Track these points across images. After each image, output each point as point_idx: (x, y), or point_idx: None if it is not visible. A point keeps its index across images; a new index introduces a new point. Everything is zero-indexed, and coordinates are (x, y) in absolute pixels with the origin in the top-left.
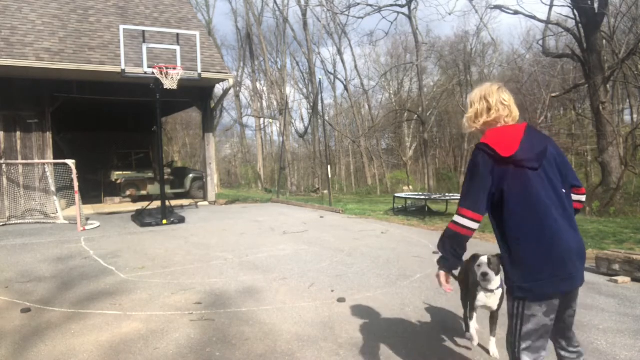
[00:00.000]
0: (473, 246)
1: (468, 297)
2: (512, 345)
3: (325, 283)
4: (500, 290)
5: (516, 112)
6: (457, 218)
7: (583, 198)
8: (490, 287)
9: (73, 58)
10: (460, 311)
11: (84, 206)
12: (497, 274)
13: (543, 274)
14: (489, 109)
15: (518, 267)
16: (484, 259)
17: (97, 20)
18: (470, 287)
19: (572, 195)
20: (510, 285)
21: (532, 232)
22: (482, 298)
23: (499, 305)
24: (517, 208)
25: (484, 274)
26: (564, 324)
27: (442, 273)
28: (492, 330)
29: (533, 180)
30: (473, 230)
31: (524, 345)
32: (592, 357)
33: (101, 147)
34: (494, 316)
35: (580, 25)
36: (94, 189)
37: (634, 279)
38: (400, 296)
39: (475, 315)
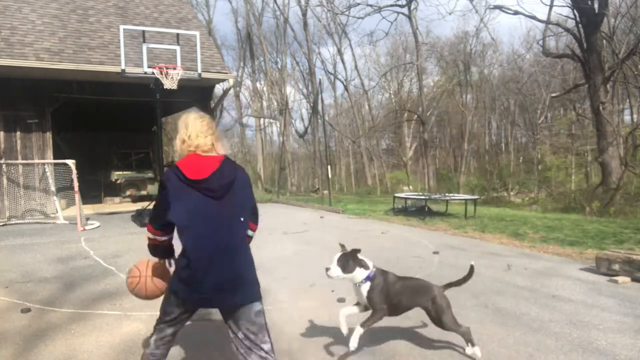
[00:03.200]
0: (474, 245)
1: None
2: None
3: (325, 283)
4: (367, 284)
5: (207, 144)
6: (147, 232)
7: (251, 233)
8: (355, 280)
9: (73, 58)
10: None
11: (84, 206)
12: (344, 270)
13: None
14: (189, 137)
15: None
16: (337, 255)
17: (97, 20)
18: None
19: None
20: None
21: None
22: (354, 291)
23: (367, 298)
24: (185, 229)
25: (327, 269)
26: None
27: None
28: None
29: (202, 206)
30: (159, 239)
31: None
32: (592, 357)
33: (101, 147)
34: (367, 308)
35: (580, 25)
36: (94, 189)
37: (634, 279)
38: None
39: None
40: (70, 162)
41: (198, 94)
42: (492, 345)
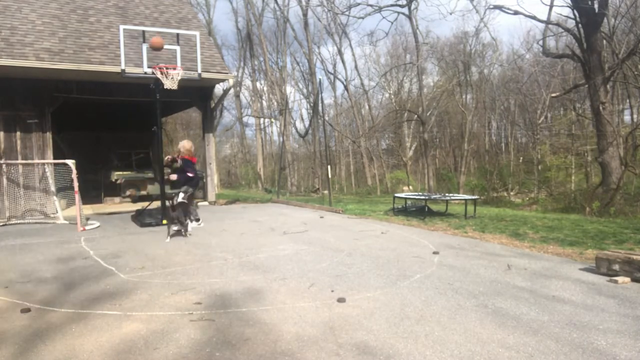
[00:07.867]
0: (474, 245)
1: None
2: None
3: (325, 283)
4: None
5: None
6: None
7: None
8: None
9: (73, 58)
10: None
11: (83, 206)
12: None
13: None
14: None
15: None
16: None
17: (97, 20)
18: None
19: None
20: None
21: None
22: None
23: None
24: None
25: None
26: None
27: None
28: None
29: None
30: None
31: None
32: (592, 357)
33: (101, 147)
34: None
35: (580, 25)
36: (94, 189)
37: (634, 279)
38: (400, 296)
39: None
40: (70, 162)
41: (198, 94)
42: (492, 345)
